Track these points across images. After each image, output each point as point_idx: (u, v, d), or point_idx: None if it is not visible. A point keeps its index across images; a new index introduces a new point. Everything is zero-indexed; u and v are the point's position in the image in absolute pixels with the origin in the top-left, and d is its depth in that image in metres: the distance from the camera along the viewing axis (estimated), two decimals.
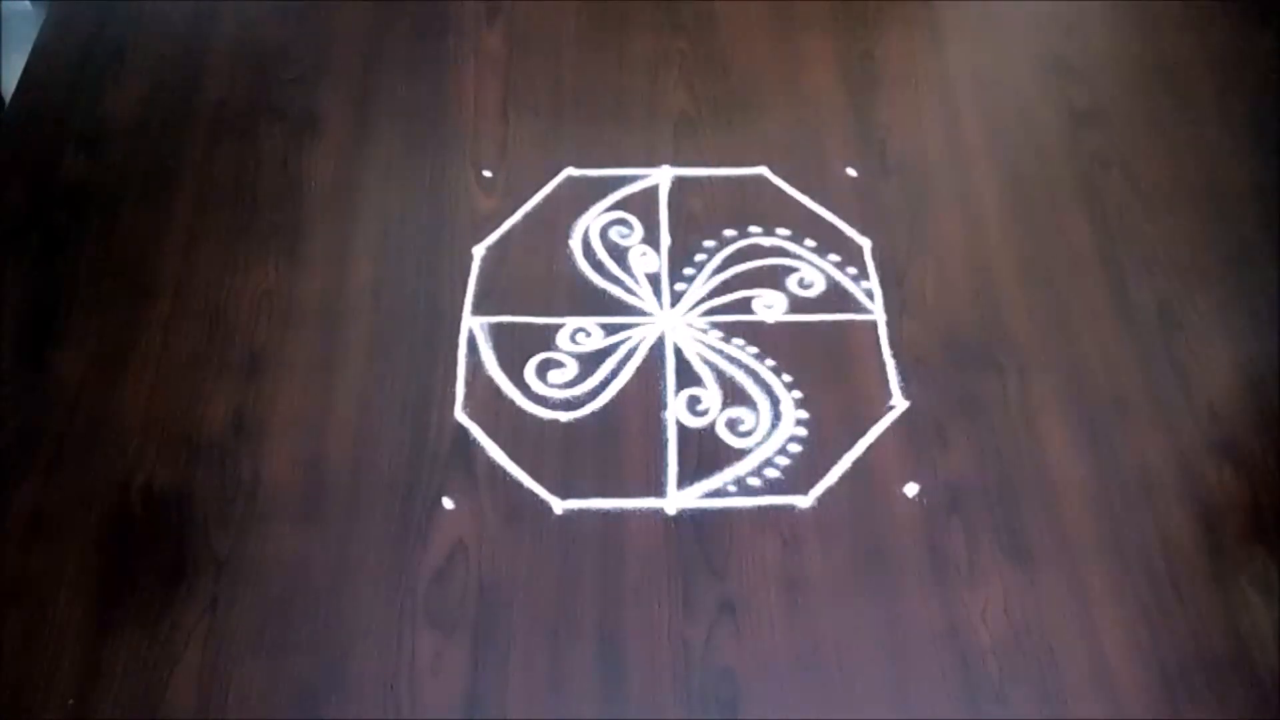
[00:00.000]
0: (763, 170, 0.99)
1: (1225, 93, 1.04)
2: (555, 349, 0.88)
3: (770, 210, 0.97)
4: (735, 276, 0.93)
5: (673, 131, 1.02)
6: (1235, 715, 0.72)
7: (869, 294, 0.91)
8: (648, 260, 0.94)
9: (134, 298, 0.91)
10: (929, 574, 0.77)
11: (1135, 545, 0.78)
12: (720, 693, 0.73)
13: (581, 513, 0.80)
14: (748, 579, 0.77)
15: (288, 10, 1.12)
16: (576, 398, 0.86)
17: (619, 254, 0.94)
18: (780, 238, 0.95)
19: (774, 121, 1.03)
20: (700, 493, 0.81)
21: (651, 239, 0.95)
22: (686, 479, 0.82)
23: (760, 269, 0.93)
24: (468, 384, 0.86)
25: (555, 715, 0.72)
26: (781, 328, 0.90)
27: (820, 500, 0.81)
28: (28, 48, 1.09)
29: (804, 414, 0.85)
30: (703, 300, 0.91)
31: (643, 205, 0.97)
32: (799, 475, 0.82)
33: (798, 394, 0.86)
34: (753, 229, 0.95)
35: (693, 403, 0.85)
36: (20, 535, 0.79)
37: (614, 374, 0.87)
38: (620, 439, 0.84)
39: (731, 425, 0.84)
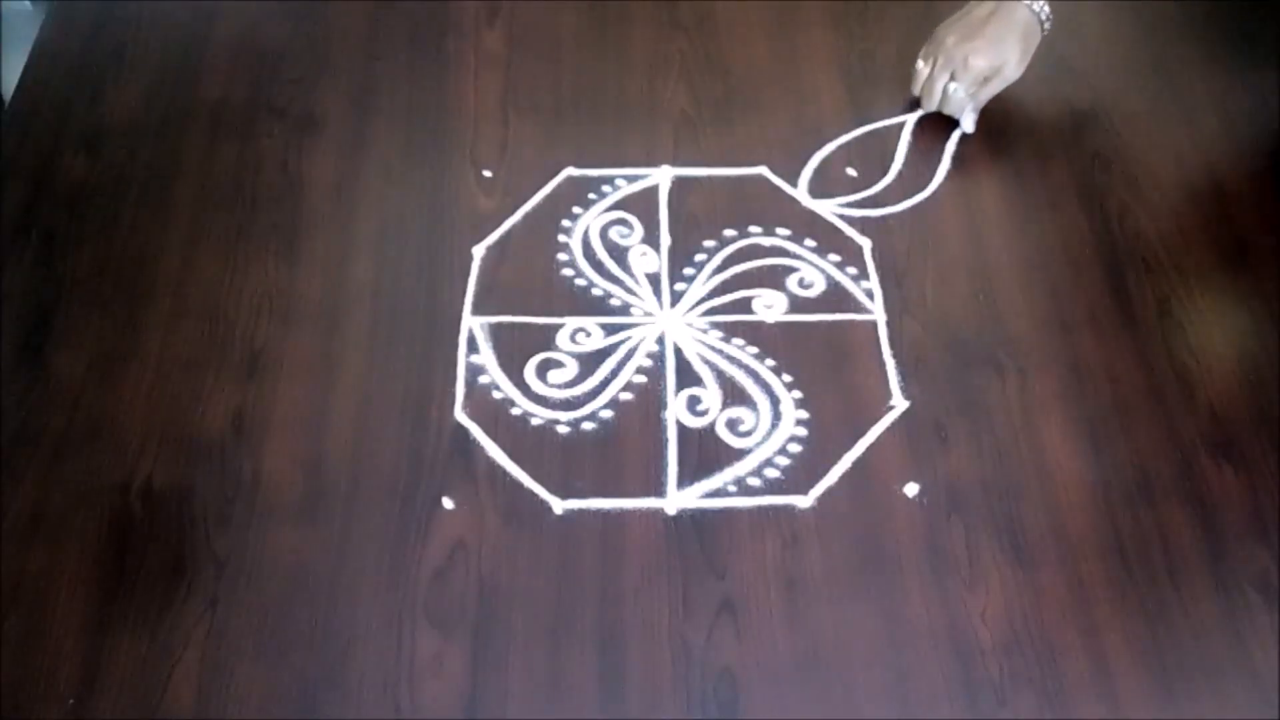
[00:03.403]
0: (763, 170, 0.99)
1: (1225, 93, 1.04)
2: (555, 349, 0.88)
3: (770, 210, 0.97)
4: (735, 276, 0.93)
5: (673, 131, 1.02)
6: (1235, 715, 0.72)
7: (869, 294, 0.92)
8: (648, 260, 0.94)
9: (134, 298, 0.91)
10: (929, 574, 0.77)
11: (1135, 545, 0.78)
12: (720, 693, 0.73)
13: (581, 513, 0.80)
14: (748, 579, 0.77)
15: (288, 10, 1.12)
16: (576, 398, 0.86)
17: (619, 254, 0.94)
18: (780, 238, 0.95)
19: (774, 121, 1.03)
20: (700, 493, 0.81)
21: (651, 239, 0.95)
22: (686, 479, 0.82)
23: (760, 269, 0.93)
24: (467, 384, 0.86)
25: (555, 715, 0.72)
26: (781, 328, 0.90)
27: (820, 500, 0.81)
28: (28, 48, 1.09)
29: (804, 414, 0.85)
30: (703, 300, 0.91)
31: (643, 205, 0.97)
32: (799, 475, 0.82)
33: (798, 394, 0.86)
34: (753, 229, 0.95)
35: (693, 403, 0.85)
36: (20, 535, 0.79)
37: (614, 374, 0.87)
38: (620, 439, 0.84)
39: (731, 425, 0.84)
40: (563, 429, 0.84)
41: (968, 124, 1.00)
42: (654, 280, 0.93)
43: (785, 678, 0.74)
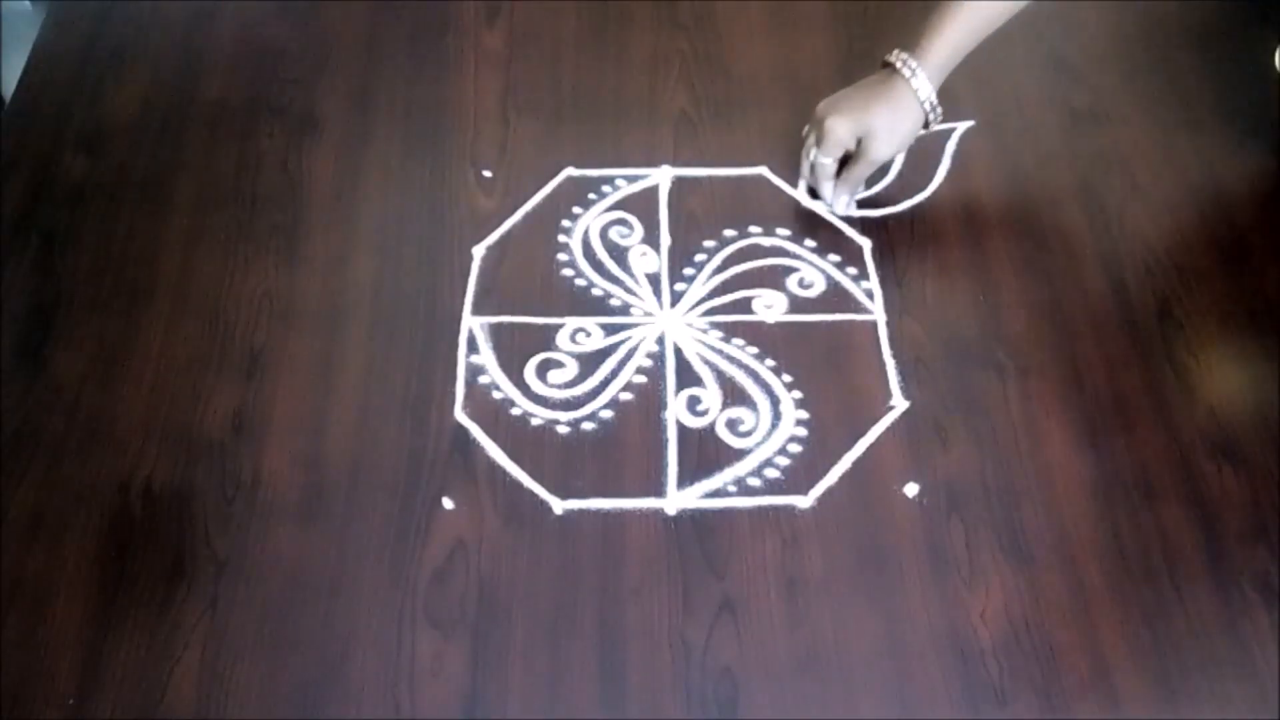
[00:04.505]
0: (763, 170, 0.99)
1: (1225, 93, 1.04)
2: (555, 349, 0.88)
3: (770, 210, 0.97)
4: (735, 276, 0.93)
5: (673, 131, 1.02)
6: (1235, 715, 0.72)
7: (869, 294, 0.91)
8: (648, 260, 0.94)
9: (134, 298, 0.91)
10: (929, 574, 0.77)
11: (1135, 545, 0.78)
12: (720, 693, 0.73)
13: (581, 513, 0.80)
14: (748, 579, 0.77)
15: (288, 10, 1.12)
16: (576, 398, 0.86)
17: (619, 254, 0.94)
18: (780, 238, 0.95)
19: (774, 121, 1.03)
20: (700, 493, 0.81)
21: (651, 239, 0.95)
22: (686, 479, 0.82)
23: (760, 269, 0.93)
24: (467, 384, 0.86)
25: (555, 715, 0.72)
26: (781, 328, 0.90)
27: (820, 500, 0.81)
28: (28, 48, 1.10)
29: (804, 414, 0.85)
30: (703, 300, 0.91)
31: (643, 205, 0.97)
32: (799, 475, 0.82)
33: (798, 394, 0.86)
34: (753, 229, 0.95)
35: (693, 403, 0.85)
36: (20, 535, 0.79)
37: (614, 374, 0.87)
38: (620, 439, 0.84)
39: (731, 425, 0.84)
40: (563, 429, 0.84)
41: (839, 206, 0.94)
42: (654, 280, 0.93)
43: (785, 678, 0.74)
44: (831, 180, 0.94)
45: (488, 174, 0.99)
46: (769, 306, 0.91)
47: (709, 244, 0.94)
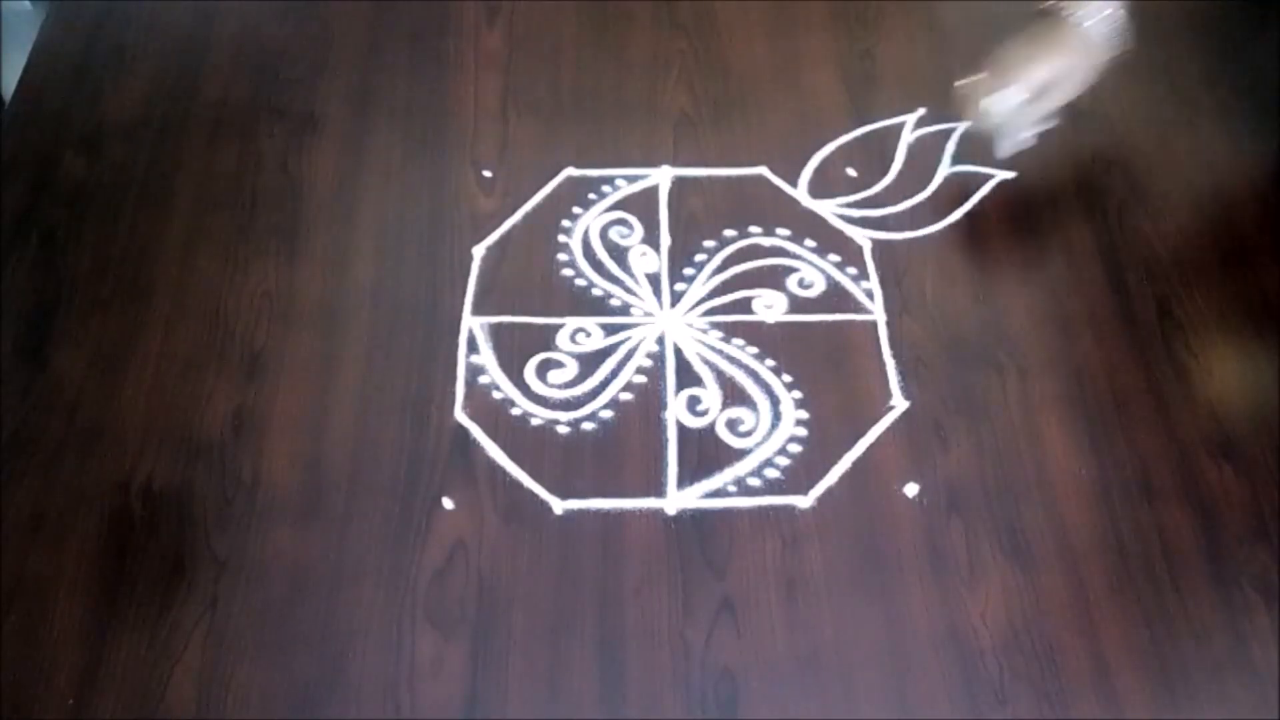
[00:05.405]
0: (763, 170, 0.99)
1: (1225, 93, 1.04)
2: (555, 349, 0.88)
3: (770, 210, 0.97)
4: (735, 276, 0.93)
5: (673, 131, 1.02)
6: (1235, 715, 0.72)
7: (869, 294, 0.92)
8: (648, 260, 0.94)
9: (134, 298, 0.91)
10: (929, 574, 0.77)
11: (1135, 545, 0.78)
12: (720, 693, 0.73)
13: (581, 513, 0.80)
14: (748, 579, 0.77)
15: (288, 10, 1.12)
16: (576, 398, 0.86)
17: (619, 254, 0.94)
18: (780, 238, 0.95)
19: (774, 122, 1.03)
20: (700, 493, 0.81)
21: (651, 239, 0.95)
22: (686, 479, 0.82)
23: (760, 269, 0.93)
24: (467, 384, 0.86)
25: (555, 715, 0.72)
26: (781, 328, 0.90)
27: (820, 500, 0.81)
28: (28, 48, 1.10)
29: (804, 414, 0.85)
30: (703, 300, 0.91)
31: (643, 205, 0.97)
32: (799, 475, 0.82)
33: (798, 394, 0.86)
34: (753, 229, 0.95)
35: (693, 403, 0.85)
36: (20, 535, 0.79)
37: (614, 374, 0.87)
38: (620, 439, 0.84)
39: (731, 425, 0.84)
40: (563, 429, 0.84)
41: (1016, 144, 0.93)
42: (654, 280, 0.93)
43: (785, 678, 0.74)
44: (1028, 120, 0.92)
45: (488, 174, 0.99)
46: (769, 306, 0.91)
47: (709, 244, 0.94)
